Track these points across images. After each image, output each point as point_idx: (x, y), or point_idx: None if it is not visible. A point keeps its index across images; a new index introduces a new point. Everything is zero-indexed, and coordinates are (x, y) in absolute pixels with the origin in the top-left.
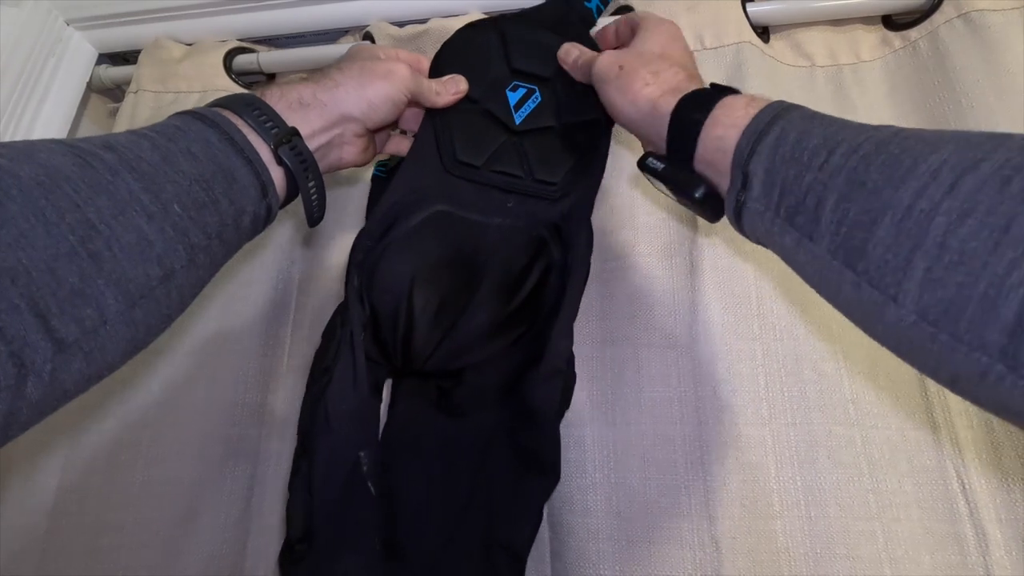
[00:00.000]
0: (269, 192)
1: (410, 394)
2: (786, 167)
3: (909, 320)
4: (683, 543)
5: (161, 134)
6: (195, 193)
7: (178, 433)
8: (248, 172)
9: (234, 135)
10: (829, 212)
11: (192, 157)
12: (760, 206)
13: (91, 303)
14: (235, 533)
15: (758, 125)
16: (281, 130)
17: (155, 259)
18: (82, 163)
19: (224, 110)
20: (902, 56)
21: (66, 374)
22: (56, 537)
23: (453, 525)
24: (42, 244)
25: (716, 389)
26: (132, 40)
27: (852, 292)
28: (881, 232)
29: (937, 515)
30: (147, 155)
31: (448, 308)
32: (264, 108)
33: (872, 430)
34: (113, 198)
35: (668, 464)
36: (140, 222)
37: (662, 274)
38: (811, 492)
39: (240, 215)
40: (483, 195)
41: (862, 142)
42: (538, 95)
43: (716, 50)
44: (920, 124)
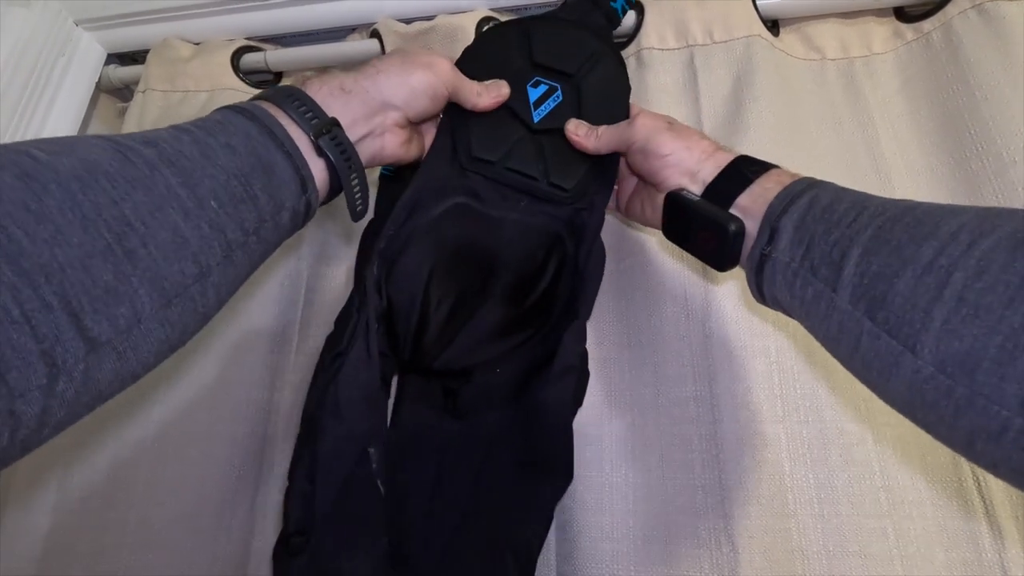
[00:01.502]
0: (309, 187)
1: (415, 396)
2: (815, 225)
3: (927, 372)
4: (699, 542)
5: (202, 128)
6: (233, 188)
7: (183, 432)
8: (288, 166)
9: (274, 128)
10: (853, 265)
11: (231, 151)
12: (785, 257)
13: (125, 301)
14: (240, 533)
15: (793, 189)
16: (321, 120)
17: (190, 256)
18: (121, 158)
19: (265, 102)
20: (915, 48)
21: (99, 373)
22: (57, 536)
23: (459, 529)
24: (77, 241)
25: (731, 387)
26: (141, 40)
27: (870, 343)
28: (901, 285)
29: (952, 512)
30: (187, 150)
31: (463, 304)
32: (304, 99)
33: (884, 427)
34: (150, 194)
35: (685, 463)
36: (176, 219)
37: (675, 272)
38: (823, 490)
39: (279, 211)
40: (499, 191)
41: (889, 207)
42: (559, 94)
43: (726, 44)
44: (933, 117)
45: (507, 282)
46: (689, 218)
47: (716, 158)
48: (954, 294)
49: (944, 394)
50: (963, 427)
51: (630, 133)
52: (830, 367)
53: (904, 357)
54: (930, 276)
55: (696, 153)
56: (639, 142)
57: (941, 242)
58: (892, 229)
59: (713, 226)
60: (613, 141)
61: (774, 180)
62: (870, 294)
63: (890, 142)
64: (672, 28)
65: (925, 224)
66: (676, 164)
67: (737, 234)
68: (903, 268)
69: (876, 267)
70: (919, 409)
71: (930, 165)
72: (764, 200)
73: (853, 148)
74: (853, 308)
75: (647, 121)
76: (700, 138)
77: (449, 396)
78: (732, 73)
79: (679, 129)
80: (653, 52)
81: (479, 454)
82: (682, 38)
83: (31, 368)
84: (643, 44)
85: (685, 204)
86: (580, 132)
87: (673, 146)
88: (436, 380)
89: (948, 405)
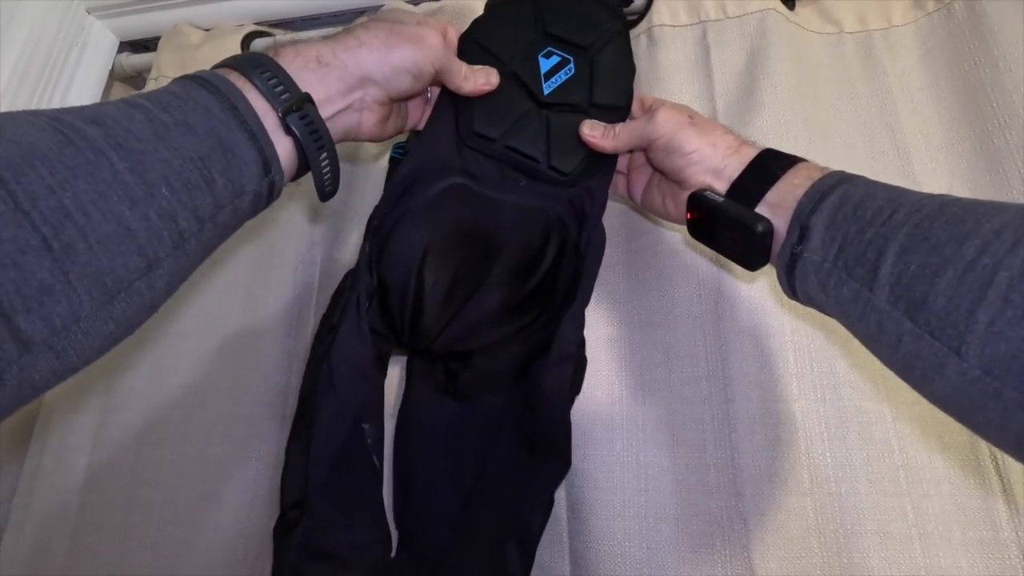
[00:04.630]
0: (272, 168)
1: (420, 377)
2: (847, 223)
3: (973, 374)
4: (712, 520)
5: (157, 103)
6: (187, 173)
7: (205, 415)
8: (250, 147)
9: (238, 102)
10: (890, 264)
11: (188, 130)
12: (818, 257)
13: (62, 300)
14: (260, 513)
15: (822, 186)
16: (292, 95)
17: (136, 250)
18: (62, 139)
19: (231, 71)
20: (936, 19)
21: (35, 373)
22: (87, 514)
23: (461, 512)
24: (9, 236)
25: (744, 367)
26: (152, 27)
27: (912, 344)
28: (943, 284)
29: (969, 491)
30: (137, 129)
31: (460, 286)
32: (275, 69)
33: (903, 405)
34: (93, 181)
35: (697, 442)
36: (122, 208)
37: (687, 252)
38: (841, 468)
39: (238, 195)
40: (497, 170)
41: (925, 203)
42: (572, 67)
43: (739, 18)
44: (954, 90)
45: (506, 265)
46: (714, 219)
47: (741, 154)
48: (999, 295)
49: (992, 396)
50: (1012, 429)
51: (651, 129)
52: (848, 346)
53: (949, 359)
54: (973, 275)
55: (721, 150)
56: (662, 139)
57: (984, 240)
58: (930, 227)
59: (740, 227)
60: (633, 139)
61: (802, 175)
62: (909, 295)
63: (909, 117)
64: (684, 3)
65: (965, 222)
66: (700, 162)
67: (765, 234)
68: (943, 268)
69: (915, 267)
70: (966, 411)
71: (950, 140)
72: (792, 197)
73: (871, 124)
74: (892, 308)
75: (669, 116)
76: (724, 133)
77: (451, 377)
78: (746, 48)
79: (702, 124)
80: (665, 29)
81: (483, 437)
82: (694, 14)
83: None
84: (654, 21)
85: (710, 205)
86: (596, 133)
87: (697, 143)
88: (439, 362)
89: (996, 407)
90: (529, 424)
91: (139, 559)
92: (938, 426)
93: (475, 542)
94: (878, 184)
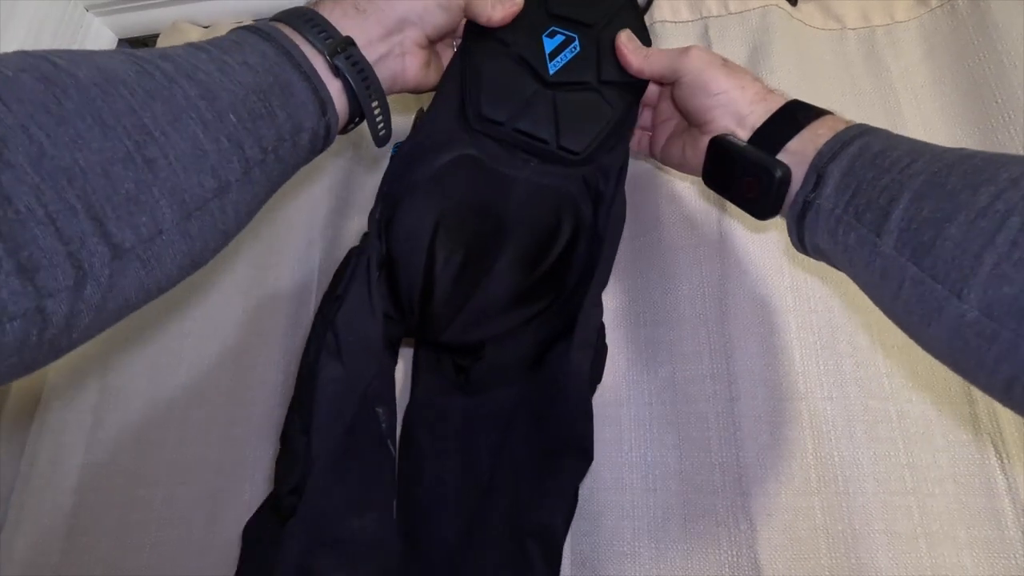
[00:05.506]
0: (328, 109)
1: (428, 372)
2: (864, 171)
3: (971, 316)
4: (717, 520)
5: (217, 47)
6: (251, 103)
7: (204, 415)
8: (306, 87)
9: (291, 49)
10: (901, 210)
11: (249, 68)
12: (829, 204)
13: (146, 211)
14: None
15: (845, 135)
16: (335, 39)
17: (209, 170)
18: (139, 69)
19: (281, 24)
20: (939, 15)
21: (124, 280)
22: (84, 514)
23: (474, 511)
24: (98, 146)
25: (749, 365)
26: (151, 24)
27: (912, 289)
28: (953, 230)
29: (974, 489)
30: (203, 65)
31: (471, 265)
32: (317, 19)
33: (907, 404)
34: (169, 104)
35: (702, 441)
36: (196, 130)
37: (691, 249)
38: (848, 467)
39: (298, 131)
40: (507, 151)
41: (946, 155)
42: (577, 44)
43: (741, 14)
44: (958, 86)
45: (519, 246)
46: (733, 163)
47: (768, 101)
48: (1008, 239)
49: (988, 339)
50: (1004, 372)
51: (682, 62)
52: (854, 343)
53: (949, 302)
54: (984, 220)
55: (749, 94)
56: (690, 74)
57: (999, 187)
58: (948, 175)
59: (758, 171)
60: (662, 66)
61: (827, 126)
62: (917, 239)
63: (913, 113)
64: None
65: (984, 171)
66: (726, 104)
67: (783, 180)
68: (956, 213)
69: (927, 212)
70: (959, 354)
71: (954, 136)
72: (814, 146)
73: (874, 120)
74: (898, 254)
75: (702, 54)
76: (753, 79)
77: (460, 372)
78: (748, 44)
79: (733, 68)
80: (666, 25)
81: (496, 432)
82: (696, 9)
83: (59, 268)
84: (655, 17)
85: (730, 148)
86: (630, 46)
87: (726, 84)
88: (447, 356)
89: (991, 350)
90: (549, 415)
91: (137, 559)
92: (943, 424)
93: (492, 542)
94: (901, 137)
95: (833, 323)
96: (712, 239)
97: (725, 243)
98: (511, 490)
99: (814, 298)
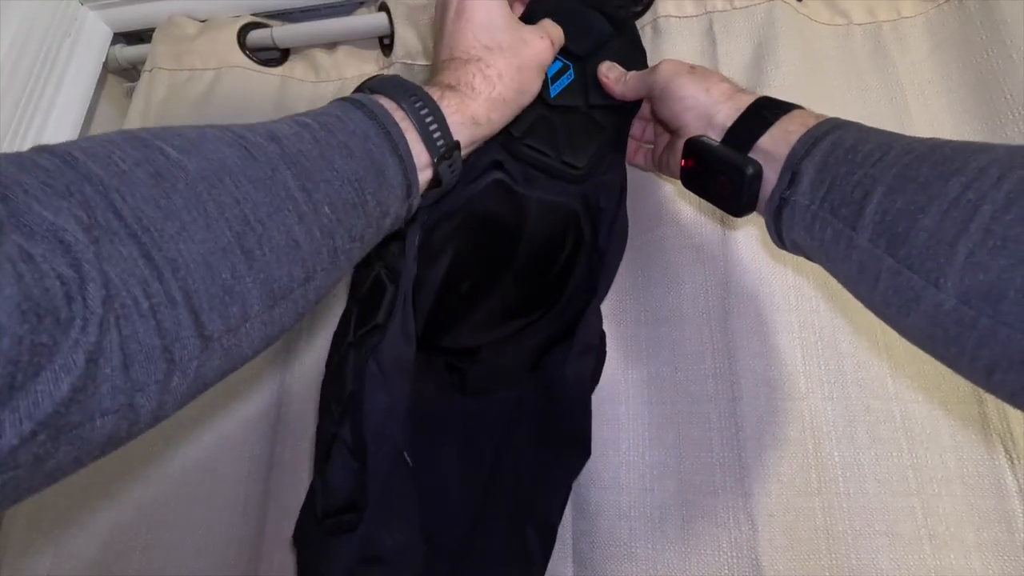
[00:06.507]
0: (413, 193)
1: (422, 373)
2: (838, 166)
3: (949, 304)
4: (718, 521)
5: (322, 125)
6: (347, 194)
7: (197, 414)
8: (398, 172)
9: (391, 128)
10: (875, 204)
11: (348, 153)
12: (805, 200)
13: (238, 301)
14: (252, 514)
15: (816, 132)
16: (447, 143)
17: (300, 261)
18: (246, 155)
19: (385, 99)
20: (946, 11)
21: (207, 370)
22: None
23: (478, 506)
24: (201, 238)
25: (752, 364)
26: (147, 18)
27: (889, 280)
28: (927, 220)
29: (983, 491)
30: (307, 149)
31: (482, 283)
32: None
33: (912, 404)
34: (270, 195)
35: (703, 441)
36: (292, 222)
37: (693, 247)
38: (849, 468)
39: (384, 216)
40: (520, 168)
41: (916, 146)
42: (571, 72)
43: (747, 9)
44: (965, 82)
45: (526, 261)
46: (707, 163)
47: (735, 100)
48: (981, 227)
49: (967, 326)
50: (984, 358)
51: (652, 77)
52: (857, 343)
53: (926, 291)
54: (957, 211)
55: (715, 95)
56: (659, 85)
57: (969, 177)
58: (919, 167)
59: (730, 170)
60: (637, 86)
61: (797, 122)
62: (892, 231)
63: (919, 110)
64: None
65: (954, 161)
66: (693, 107)
67: (754, 177)
68: (929, 204)
69: (900, 204)
70: (939, 343)
71: (961, 133)
72: (786, 143)
73: (880, 116)
74: (873, 246)
75: (668, 66)
76: (720, 80)
77: (455, 373)
78: (753, 40)
79: (700, 72)
80: (670, 20)
81: (496, 431)
82: (700, 4)
83: (152, 363)
84: (659, 12)
85: (702, 149)
86: (611, 75)
87: (692, 88)
88: (439, 356)
89: (970, 337)
90: (549, 415)
91: (128, 561)
92: (950, 424)
93: (495, 533)
94: (872, 129)
95: (835, 323)
96: (715, 238)
97: (728, 242)
98: (513, 486)
99: (816, 298)
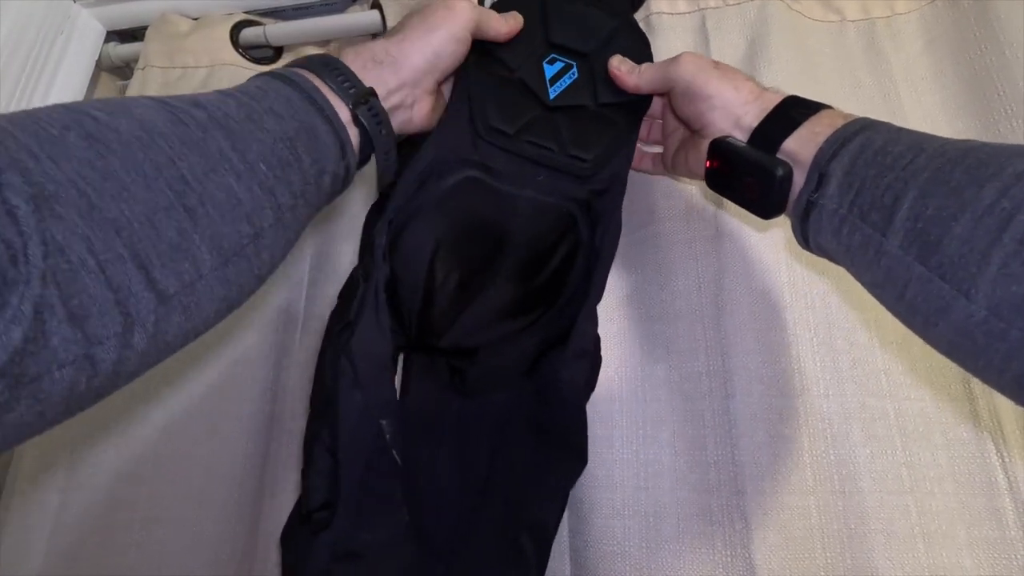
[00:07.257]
0: (347, 151)
1: (421, 374)
2: (867, 169)
3: (979, 316)
4: (712, 519)
5: (245, 93)
6: (280, 152)
7: (191, 411)
8: (328, 131)
9: (314, 95)
10: (907, 208)
11: (276, 116)
12: (833, 204)
13: (188, 258)
14: (246, 512)
15: (844, 132)
16: (359, 90)
17: (244, 217)
18: (174, 119)
19: (303, 71)
20: (940, 7)
21: (167, 326)
22: (67, 513)
23: (473, 507)
24: (142, 197)
25: (745, 361)
26: (139, 16)
27: (919, 288)
28: (959, 228)
29: (974, 489)
30: (233, 113)
31: (470, 280)
32: (342, 68)
33: (905, 402)
34: (204, 155)
35: (697, 439)
36: (230, 180)
37: (687, 244)
38: (844, 466)
39: (321, 174)
40: (515, 165)
41: (948, 148)
42: (575, 71)
43: (739, 6)
44: (959, 78)
45: (517, 261)
46: (733, 164)
47: (762, 100)
48: (1015, 237)
49: (997, 338)
50: (1014, 370)
51: (674, 70)
52: (851, 340)
53: (957, 301)
54: (991, 218)
55: (743, 94)
56: (683, 81)
57: (1004, 184)
58: (952, 171)
59: (759, 172)
60: (656, 79)
61: (825, 123)
62: (923, 238)
63: (913, 106)
64: None
65: (988, 166)
66: (721, 107)
67: (784, 179)
68: (962, 211)
69: (932, 210)
70: (967, 354)
71: (956, 129)
72: (814, 144)
73: (873, 113)
74: (904, 253)
75: (692, 59)
76: (746, 79)
77: (455, 374)
78: (746, 37)
79: (725, 69)
80: (663, 17)
81: (492, 433)
82: (693, 1)
83: (108, 316)
84: (652, 9)
85: (729, 150)
86: (623, 68)
87: (719, 86)
88: (441, 358)
89: (1000, 349)
90: (544, 419)
91: (122, 558)
92: (943, 422)
93: (488, 537)
94: (903, 130)
95: (830, 319)
96: (709, 234)
97: (722, 238)
98: (508, 488)
99: (812, 294)
